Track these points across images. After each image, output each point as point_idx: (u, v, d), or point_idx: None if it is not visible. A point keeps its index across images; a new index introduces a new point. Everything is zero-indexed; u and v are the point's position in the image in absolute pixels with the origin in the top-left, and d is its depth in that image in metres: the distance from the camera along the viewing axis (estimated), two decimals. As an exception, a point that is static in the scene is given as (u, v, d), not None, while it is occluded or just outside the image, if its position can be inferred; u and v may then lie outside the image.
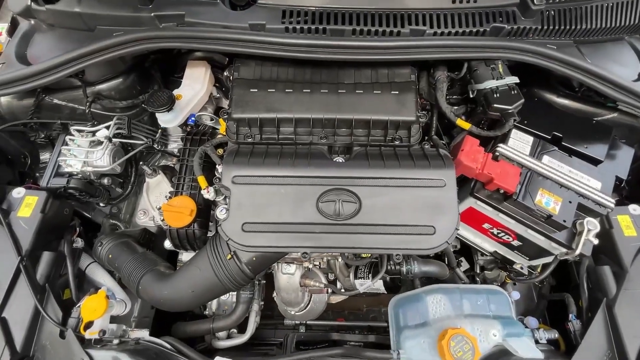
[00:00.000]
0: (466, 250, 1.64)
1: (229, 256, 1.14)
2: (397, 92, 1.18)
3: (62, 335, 1.14)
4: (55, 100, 1.45)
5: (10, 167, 1.54)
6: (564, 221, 1.15)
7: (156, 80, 1.57)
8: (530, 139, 1.27)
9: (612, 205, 1.18)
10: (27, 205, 1.28)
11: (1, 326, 1.10)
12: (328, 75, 1.23)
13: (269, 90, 1.18)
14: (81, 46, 1.19)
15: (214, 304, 1.61)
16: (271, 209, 1.07)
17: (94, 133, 1.44)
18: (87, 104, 1.41)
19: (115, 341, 1.19)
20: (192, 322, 1.53)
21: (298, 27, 1.15)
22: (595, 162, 1.25)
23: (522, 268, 1.42)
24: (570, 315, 1.27)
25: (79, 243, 1.41)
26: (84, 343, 1.15)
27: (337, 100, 1.17)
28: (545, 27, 1.22)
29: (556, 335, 1.27)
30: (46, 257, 1.25)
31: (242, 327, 1.58)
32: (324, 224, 1.06)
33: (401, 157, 1.14)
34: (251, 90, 1.19)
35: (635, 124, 1.40)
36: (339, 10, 1.17)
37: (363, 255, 1.32)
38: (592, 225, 1.15)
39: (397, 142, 1.19)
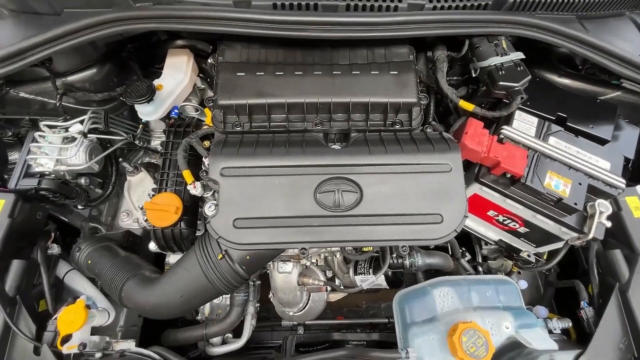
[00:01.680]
0: (466, 239, 1.58)
1: (220, 256, 1.04)
2: (396, 73, 1.10)
3: (36, 351, 1.05)
4: (22, 94, 1.33)
5: (-25, 170, 1.41)
6: (575, 204, 1.09)
7: (135, 71, 1.46)
8: (535, 120, 1.22)
9: (623, 186, 1.13)
10: (-8, 209, 1.16)
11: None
12: (321, 56, 1.14)
13: (257, 73, 1.09)
14: (46, 31, 1.07)
15: (206, 308, 1.51)
16: (265, 203, 0.98)
17: (66, 128, 1.31)
18: (58, 96, 1.29)
19: (98, 355, 1.09)
20: (183, 329, 1.44)
21: (287, 3, 1.05)
22: (602, 142, 1.20)
23: (529, 256, 1.37)
24: (582, 303, 1.22)
25: (55, 249, 1.30)
26: (62, 359, 1.04)
27: (332, 82, 1.08)
28: (548, 0, 1.15)
29: (569, 325, 1.22)
30: (15, 265, 1.13)
31: (237, 331, 1.49)
32: (323, 217, 0.98)
33: (403, 141, 1.06)
34: (238, 74, 1.09)
35: (638, 102, 1.35)
36: (331, -16, 1.08)
37: (365, 249, 1.24)
38: (604, 207, 1.10)
39: (397, 126, 1.11)
